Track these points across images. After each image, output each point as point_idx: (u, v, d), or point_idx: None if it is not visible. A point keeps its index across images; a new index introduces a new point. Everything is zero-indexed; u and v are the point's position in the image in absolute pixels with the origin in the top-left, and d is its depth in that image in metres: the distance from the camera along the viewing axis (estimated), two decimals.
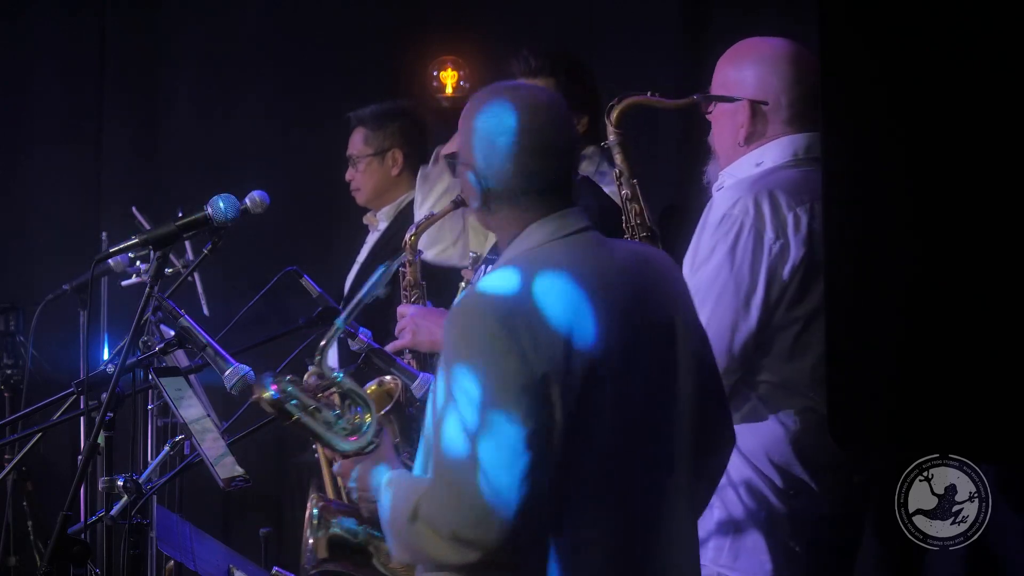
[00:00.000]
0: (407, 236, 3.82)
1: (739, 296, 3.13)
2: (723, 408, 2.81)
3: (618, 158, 3.46)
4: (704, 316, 2.97)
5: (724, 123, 3.36)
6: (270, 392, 2.75)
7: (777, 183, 3.21)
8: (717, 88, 3.37)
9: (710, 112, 3.39)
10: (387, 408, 3.49)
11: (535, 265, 2.54)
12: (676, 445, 2.62)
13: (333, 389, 2.82)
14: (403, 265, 3.83)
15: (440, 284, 3.95)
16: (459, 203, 3.76)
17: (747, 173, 3.30)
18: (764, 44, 3.40)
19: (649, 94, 3.67)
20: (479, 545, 2.43)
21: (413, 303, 3.82)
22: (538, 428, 2.43)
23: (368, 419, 2.79)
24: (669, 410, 2.62)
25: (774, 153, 3.31)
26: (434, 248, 4.46)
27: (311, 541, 2.93)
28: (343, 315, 2.91)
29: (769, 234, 3.15)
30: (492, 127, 2.58)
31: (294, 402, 2.75)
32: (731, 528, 3.17)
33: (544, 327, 2.47)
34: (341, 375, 2.81)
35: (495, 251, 3.83)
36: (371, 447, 2.76)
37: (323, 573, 2.98)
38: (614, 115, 3.45)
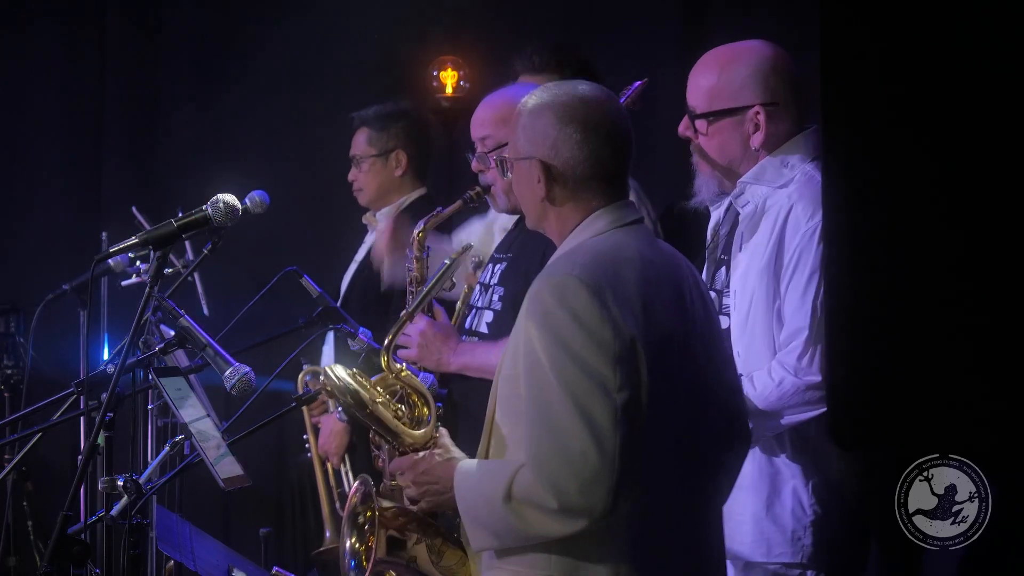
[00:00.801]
0: (415, 232, 3.81)
1: None
2: (744, 405, 2.91)
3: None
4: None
5: (728, 135, 3.34)
6: (341, 382, 2.83)
7: None
8: (708, 92, 3.35)
9: (701, 134, 3.36)
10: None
11: (605, 247, 2.65)
12: (715, 436, 2.73)
13: (393, 383, 2.90)
14: (411, 261, 3.83)
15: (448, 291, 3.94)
16: (468, 200, 3.76)
17: (776, 173, 3.29)
18: (743, 48, 3.38)
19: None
20: (587, 512, 2.50)
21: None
22: (633, 394, 2.53)
23: (427, 413, 2.85)
24: (716, 399, 2.74)
25: (798, 152, 3.30)
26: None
27: (350, 541, 2.94)
28: (409, 308, 3.00)
29: None
30: (561, 115, 2.68)
31: (363, 392, 2.83)
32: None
33: (625, 295, 2.57)
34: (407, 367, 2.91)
35: (500, 250, 3.83)
36: (432, 441, 2.80)
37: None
38: None
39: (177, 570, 4.41)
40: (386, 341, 2.99)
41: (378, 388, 2.92)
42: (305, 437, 5.02)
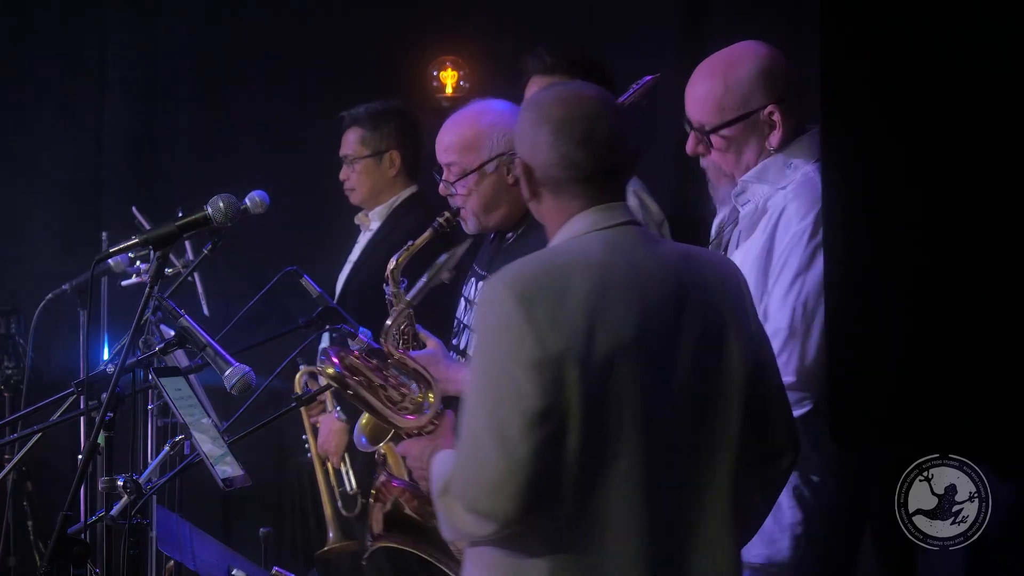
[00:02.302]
0: (389, 268, 3.76)
1: None
2: (786, 414, 2.76)
3: None
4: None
5: (744, 142, 3.29)
6: (332, 367, 2.85)
7: None
8: (716, 105, 3.29)
9: (717, 149, 3.30)
10: (388, 437, 3.51)
11: (566, 251, 2.62)
12: (717, 448, 2.62)
13: (395, 367, 2.92)
14: (389, 296, 3.80)
15: (431, 307, 3.92)
16: (438, 228, 3.75)
17: (779, 174, 3.27)
18: (739, 51, 3.34)
19: None
20: (494, 516, 2.50)
21: (403, 331, 3.79)
22: (552, 405, 2.49)
23: (431, 398, 2.87)
24: (711, 411, 2.62)
25: (802, 152, 3.28)
26: None
27: (373, 517, 3.01)
28: (411, 294, 3.01)
29: None
30: (537, 118, 2.66)
31: (357, 377, 2.84)
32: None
33: (565, 308, 2.52)
34: (413, 354, 2.92)
35: (482, 265, 3.83)
36: (430, 427, 2.82)
37: (385, 548, 3.03)
38: None
39: (177, 570, 4.41)
40: (385, 326, 3.01)
41: (386, 372, 2.95)
42: (304, 437, 5.02)
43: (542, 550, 2.55)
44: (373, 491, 3.03)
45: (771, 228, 3.23)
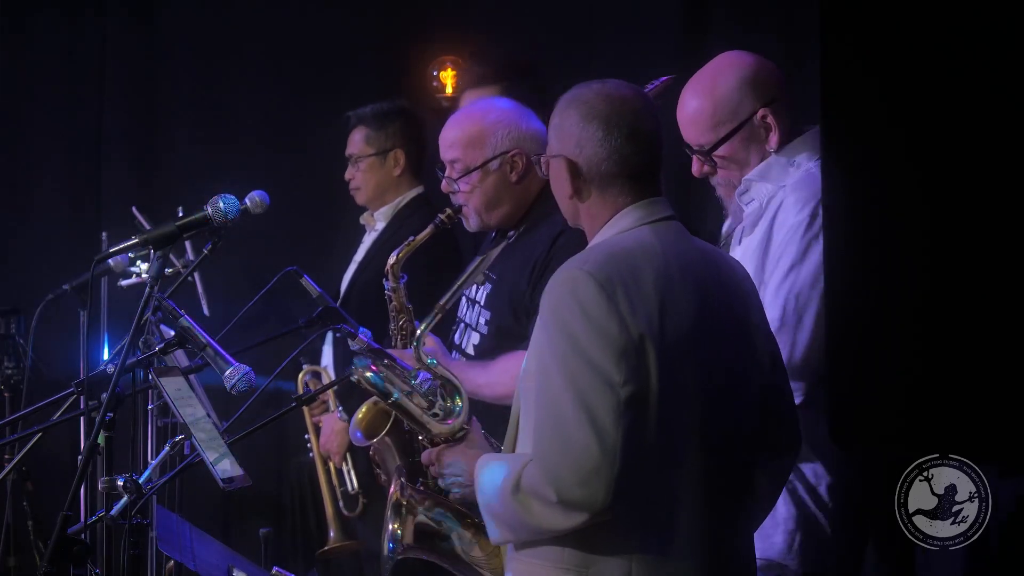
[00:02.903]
0: (389, 263, 3.78)
1: None
2: (792, 409, 2.86)
3: None
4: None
5: (745, 151, 3.31)
6: (371, 373, 2.88)
7: None
8: (710, 122, 3.30)
9: (721, 168, 3.31)
10: (384, 432, 3.52)
11: (627, 241, 2.66)
12: (745, 436, 2.71)
13: (426, 375, 2.93)
14: (388, 291, 3.81)
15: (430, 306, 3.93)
16: (440, 225, 3.76)
17: (783, 172, 3.28)
18: (718, 65, 3.35)
19: None
20: (587, 505, 2.51)
21: (402, 327, 3.80)
22: (638, 389, 2.53)
23: (460, 403, 2.88)
24: (743, 399, 2.71)
25: (806, 149, 3.29)
26: None
27: (394, 527, 2.99)
28: (443, 299, 3.12)
29: None
30: (585, 113, 2.70)
31: (392, 385, 2.86)
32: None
33: (639, 291, 2.57)
34: (434, 361, 2.93)
35: (493, 269, 3.83)
36: (462, 432, 2.82)
37: (412, 559, 3.02)
38: None
39: (177, 570, 4.41)
40: (417, 333, 3.03)
41: (410, 381, 2.95)
42: (306, 437, 5.02)
43: (621, 543, 2.57)
44: (404, 501, 3.02)
45: (769, 221, 3.25)
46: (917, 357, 2.64)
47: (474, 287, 3.82)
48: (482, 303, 3.78)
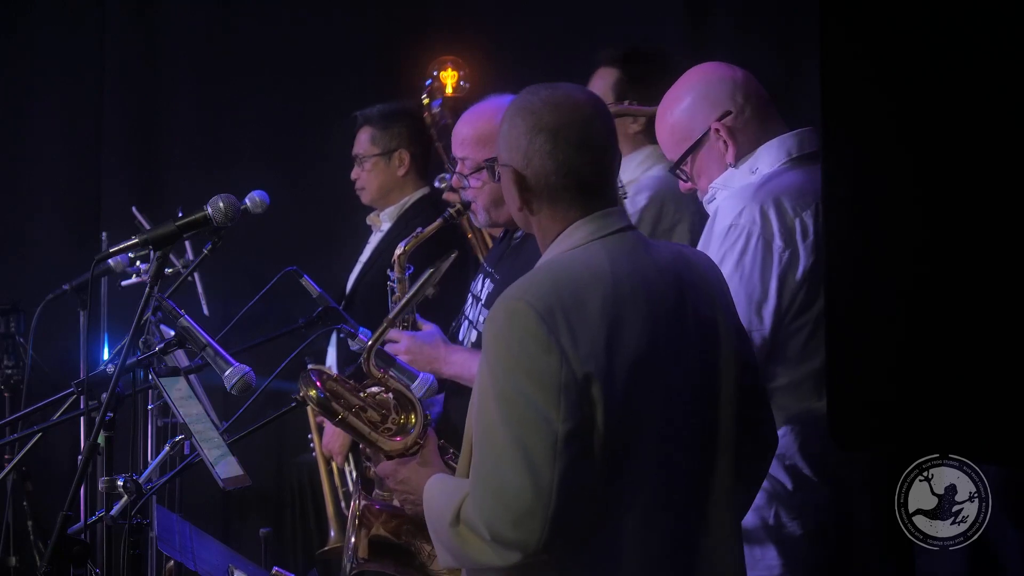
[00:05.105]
0: (396, 253, 3.81)
1: (751, 306, 3.12)
2: (766, 410, 2.79)
3: None
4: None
5: (708, 164, 3.33)
6: (315, 391, 2.78)
7: (780, 188, 3.20)
8: (673, 140, 3.34)
9: (688, 173, 3.34)
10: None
11: (574, 263, 2.54)
12: (720, 447, 2.61)
13: (379, 388, 2.87)
14: (392, 282, 3.83)
15: (431, 299, 3.94)
16: (449, 218, 3.77)
17: (744, 181, 3.28)
18: (678, 84, 3.38)
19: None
20: (520, 546, 2.42)
21: (403, 319, 3.81)
22: (579, 427, 2.43)
23: (414, 420, 2.82)
24: (714, 411, 2.61)
25: (768, 157, 3.30)
26: None
27: (352, 541, 2.96)
28: (392, 314, 3.03)
29: (778, 243, 3.14)
30: (532, 124, 2.57)
31: (338, 402, 2.80)
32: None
33: (584, 325, 2.46)
34: (396, 371, 2.88)
35: (490, 262, 3.84)
36: (415, 448, 2.78)
37: (368, 573, 3.00)
38: None
39: (177, 570, 4.41)
40: (368, 345, 2.97)
41: (368, 393, 2.90)
42: (309, 436, 5.03)
43: (567, 572, 2.48)
44: (357, 515, 2.98)
45: (708, 228, 3.27)
46: (917, 357, 2.64)
47: (478, 284, 3.83)
48: (484, 301, 3.79)
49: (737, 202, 3.20)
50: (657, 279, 2.58)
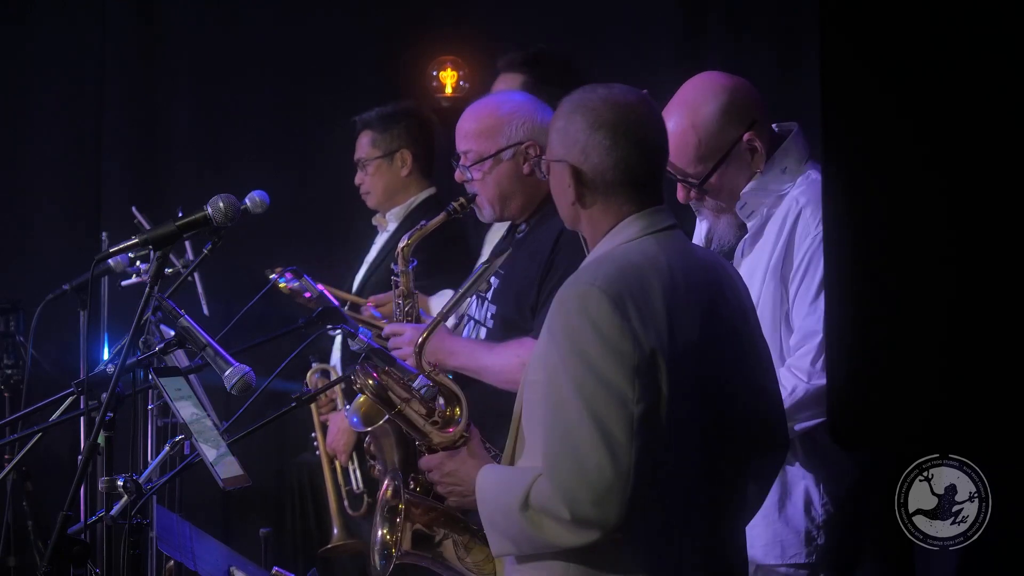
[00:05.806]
0: (400, 246, 3.81)
1: None
2: (780, 411, 2.86)
3: None
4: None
5: (733, 175, 3.30)
6: (373, 381, 2.85)
7: None
8: (696, 156, 3.28)
9: (709, 195, 3.31)
10: (383, 419, 3.51)
11: (633, 255, 2.63)
12: (740, 442, 2.70)
13: (424, 382, 2.91)
14: (395, 275, 3.83)
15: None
16: (452, 212, 3.77)
17: (778, 182, 3.28)
18: (696, 90, 3.33)
19: None
20: (600, 524, 2.49)
21: (407, 312, 3.82)
22: (651, 406, 2.51)
23: (459, 412, 2.86)
24: (739, 406, 2.70)
25: (796, 154, 3.30)
26: None
27: (384, 532, 2.98)
28: (445, 308, 3.08)
29: None
30: (592, 121, 2.66)
31: (392, 392, 2.86)
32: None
33: (649, 307, 2.55)
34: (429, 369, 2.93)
35: (502, 264, 3.84)
36: (462, 440, 2.80)
37: (406, 565, 3.02)
38: None
39: (177, 570, 4.40)
40: (419, 340, 3.01)
41: (410, 386, 2.94)
42: (313, 435, 5.03)
43: (629, 561, 2.55)
44: (401, 506, 3.01)
45: (787, 234, 3.24)
46: (917, 357, 2.64)
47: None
48: (489, 298, 3.79)
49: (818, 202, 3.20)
50: (700, 276, 2.69)
